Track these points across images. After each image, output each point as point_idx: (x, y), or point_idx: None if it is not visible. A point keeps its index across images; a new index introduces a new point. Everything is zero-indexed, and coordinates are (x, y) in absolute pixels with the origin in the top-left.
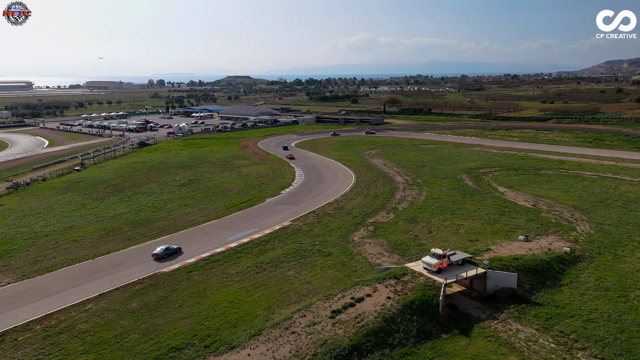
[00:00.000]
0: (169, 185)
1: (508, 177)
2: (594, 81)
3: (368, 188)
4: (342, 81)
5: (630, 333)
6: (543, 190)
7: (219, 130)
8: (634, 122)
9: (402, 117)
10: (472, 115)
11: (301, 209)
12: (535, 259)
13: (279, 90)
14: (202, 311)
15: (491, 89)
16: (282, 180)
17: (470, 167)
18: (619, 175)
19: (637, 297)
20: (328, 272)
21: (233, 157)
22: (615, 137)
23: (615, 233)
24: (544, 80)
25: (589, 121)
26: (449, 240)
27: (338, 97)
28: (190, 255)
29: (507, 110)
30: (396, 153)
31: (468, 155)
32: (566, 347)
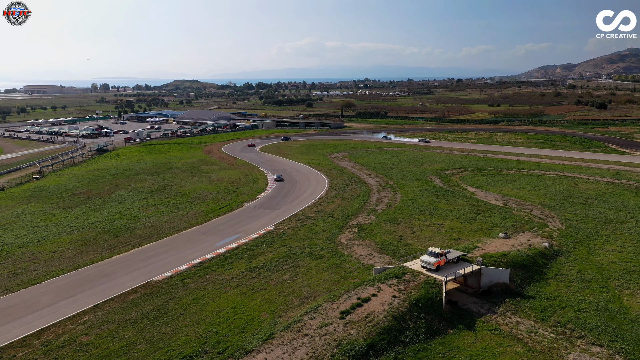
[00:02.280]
0: (139, 192)
1: (475, 178)
2: (533, 85)
3: (343, 191)
4: (293, 85)
5: (619, 321)
6: (509, 189)
7: (178, 136)
8: (578, 123)
9: (359, 120)
10: (427, 118)
11: (282, 213)
12: (521, 255)
13: (230, 94)
14: (206, 318)
15: (439, 93)
16: (255, 184)
17: (436, 168)
18: (575, 174)
19: (617, 287)
20: (324, 274)
21: (199, 162)
22: (564, 138)
23: (584, 228)
24: (487, 85)
25: (536, 123)
26: (433, 240)
27: (293, 101)
28: (179, 263)
29: (459, 113)
30: (363, 156)
31: (432, 157)
32: (565, 337)
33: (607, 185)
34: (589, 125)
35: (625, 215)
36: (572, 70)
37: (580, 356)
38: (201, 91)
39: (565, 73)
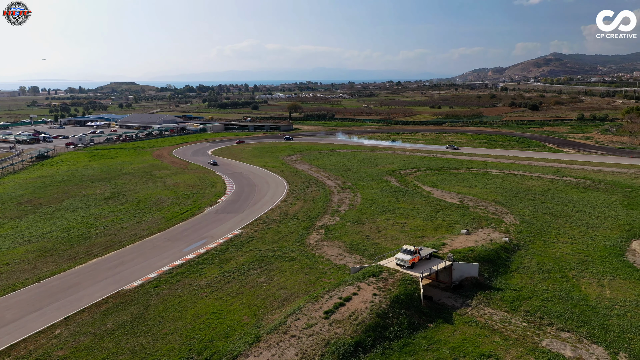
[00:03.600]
0: (91, 199)
1: (428, 177)
2: (469, 87)
3: (304, 193)
4: (235, 88)
5: (582, 308)
6: (463, 187)
7: (123, 140)
8: (515, 124)
9: (308, 122)
10: (374, 120)
11: (246, 217)
12: (486, 250)
13: (171, 97)
14: (187, 325)
15: (381, 95)
16: (213, 189)
17: (391, 169)
18: (520, 171)
19: (574, 276)
20: (299, 276)
21: (151, 167)
22: (505, 138)
23: (537, 222)
24: (426, 87)
25: (477, 124)
26: (399, 238)
27: (237, 103)
28: (148, 270)
29: (403, 115)
30: (317, 158)
31: (384, 157)
32: (536, 325)
33: (551, 182)
34: (525, 126)
35: (571, 210)
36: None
37: (552, 342)
38: (140, 94)
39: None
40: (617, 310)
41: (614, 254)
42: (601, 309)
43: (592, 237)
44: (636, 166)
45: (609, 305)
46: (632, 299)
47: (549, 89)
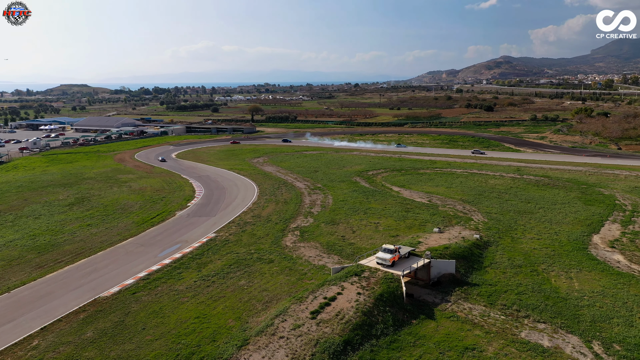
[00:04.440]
0: (55, 205)
1: (396, 178)
2: (425, 89)
3: (275, 195)
4: (192, 90)
5: (554, 300)
6: (430, 187)
7: (81, 144)
8: (473, 125)
9: (270, 125)
10: (336, 122)
11: (219, 220)
12: (460, 247)
13: (127, 99)
14: (171, 330)
15: (340, 97)
16: (182, 192)
17: (358, 170)
18: (483, 171)
19: (544, 270)
20: (279, 278)
21: (114, 171)
22: (465, 139)
23: (504, 220)
24: (383, 89)
25: (437, 125)
26: (374, 238)
27: (197, 106)
28: (124, 277)
29: (365, 117)
30: (284, 160)
31: (351, 159)
32: (514, 317)
33: (513, 180)
34: (483, 126)
35: (534, 207)
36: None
37: (531, 333)
38: (93, 96)
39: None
40: (587, 301)
41: (578, 248)
42: (572, 300)
43: (556, 233)
44: (589, 164)
45: (578, 297)
46: (599, 289)
47: (501, 90)
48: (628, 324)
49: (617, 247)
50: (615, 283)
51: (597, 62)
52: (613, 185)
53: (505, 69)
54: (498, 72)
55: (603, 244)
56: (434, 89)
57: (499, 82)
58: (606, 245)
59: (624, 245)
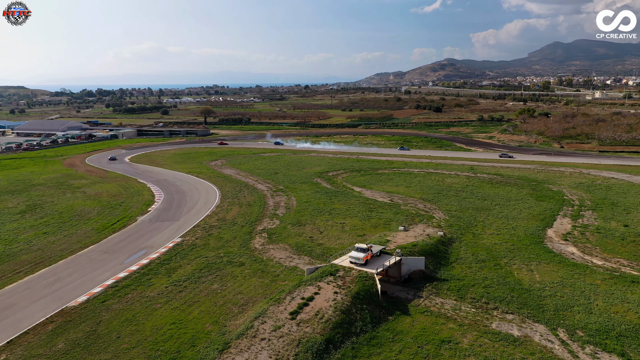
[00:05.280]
0: (4, 213)
1: (356, 178)
2: (374, 91)
3: (237, 198)
4: (139, 92)
5: (519, 291)
6: (390, 187)
7: (25, 149)
8: (424, 125)
9: (224, 127)
10: (290, 123)
11: (183, 224)
12: (427, 244)
13: (69, 102)
14: (147, 338)
15: (291, 99)
16: (140, 197)
17: (318, 171)
18: (439, 170)
19: (506, 264)
20: (252, 280)
21: (65, 177)
22: (419, 139)
23: (464, 217)
24: (334, 90)
25: (390, 126)
26: (341, 238)
27: (145, 108)
28: (91, 285)
29: (318, 118)
30: (242, 162)
31: (309, 160)
32: (484, 310)
33: (468, 179)
34: (434, 127)
35: (490, 204)
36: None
37: (501, 324)
38: (32, 99)
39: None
40: (548, 291)
41: (535, 242)
42: (535, 291)
43: (513, 228)
44: (536, 162)
45: (540, 288)
46: (558, 280)
47: (447, 92)
48: (588, 311)
49: (570, 240)
50: (572, 273)
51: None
52: (560, 181)
53: (450, 71)
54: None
55: (557, 237)
56: (383, 90)
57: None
58: (560, 238)
59: (575, 238)
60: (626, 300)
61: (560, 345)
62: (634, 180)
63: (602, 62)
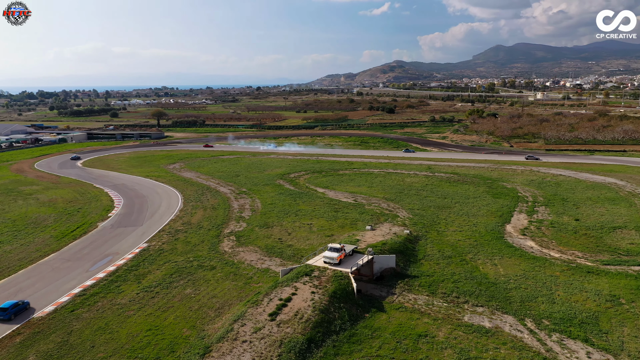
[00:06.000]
0: None
1: (318, 179)
2: (327, 92)
3: (201, 201)
4: (84, 94)
5: (486, 285)
6: (352, 187)
7: None
8: (379, 126)
9: (178, 129)
10: (246, 125)
11: (147, 229)
12: (395, 242)
13: (8, 105)
14: (124, 345)
15: (244, 100)
16: (99, 203)
17: (279, 172)
18: (398, 170)
19: (471, 259)
20: (226, 284)
21: (14, 183)
22: (375, 140)
23: (426, 215)
24: (286, 92)
25: (346, 127)
26: (310, 239)
27: (93, 111)
28: (57, 295)
29: (274, 120)
30: (202, 165)
31: (270, 162)
32: (455, 304)
33: (426, 178)
34: (388, 128)
35: (450, 202)
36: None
37: (472, 317)
38: None
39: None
40: (513, 284)
41: (496, 237)
42: (501, 284)
43: (474, 224)
44: (490, 161)
45: (505, 281)
46: (521, 273)
47: (398, 93)
48: (551, 301)
49: (527, 235)
50: (533, 266)
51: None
52: (513, 179)
53: (399, 73)
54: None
55: (515, 232)
56: (335, 92)
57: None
58: (518, 233)
59: (532, 232)
60: (584, 290)
61: (529, 335)
62: (580, 177)
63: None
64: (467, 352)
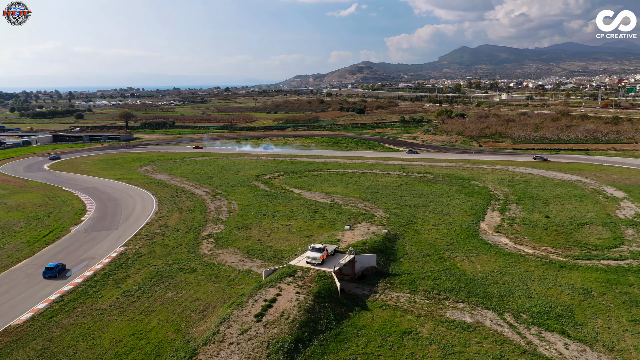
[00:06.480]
0: None
1: (293, 180)
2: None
3: (176, 203)
4: (46, 94)
5: (465, 281)
6: (328, 187)
7: None
8: (350, 127)
9: (147, 131)
10: (217, 126)
11: (123, 233)
12: (375, 241)
13: None
14: (107, 351)
15: (213, 101)
16: (70, 206)
17: (254, 174)
18: (372, 170)
19: (449, 256)
20: (208, 286)
21: None
22: (348, 140)
23: (403, 214)
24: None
25: (317, 128)
26: (290, 239)
27: (57, 112)
28: (34, 301)
29: (245, 121)
30: (174, 167)
31: (243, 163)
32: (436, 300)
33: (400, 178)
34: (360, 128)
35: (425, 201)
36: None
37: (454, 313)
38: None
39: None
40: (491, 279)
41: (471, 235)
42: (479, 280)
43: (450, 223)
44: (461, 160)
45: (483, 277)
46: (497, 269)
47: (367, 94)
48: (527, 295)
49: (501, 232)
50: (509, 262)
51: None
52: (484, 178)
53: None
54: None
55: (490, 229)
56: (305, 93)
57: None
58: (493, 230)
59: (506, 229)
60: (558, 284)
61: (509, 329)
62: (547, 175)
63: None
64: (451, 347)
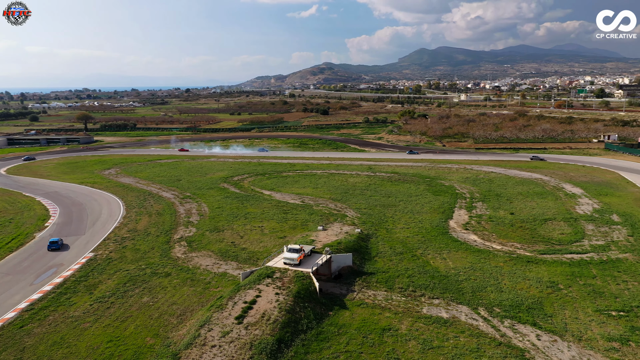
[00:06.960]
0: None
1: (262, 182)
2: (258, 94)
3: (144, 207)
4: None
5: (439, 278)
6: (298, 188)
7: None
8: (315, 128)
9: (108, 133)
10: (180, 128)
11: (91, 238)
12: (349, 241)
13: None
14: (85, 359)
15: (174, 103)
16: (32, 212)
17: (222, 176)
18: (340, 170)
19: (422, 254)
20: (184, 290)
21: None
22: (314, 141)
23: (374, 214)
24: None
25: (283, 129)
26: (263, 241)
27: (9, 115)
28: (2, 310)
29: (209, 123)
30: (140, 170)
31: (210, 165)
32: (412, 297)
33: (369, 178)
34: (325, 129)
35: (395, 200)
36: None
37: (430, 309)
38: None
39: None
40: (463, 275)
41: (442, 233)
42: (452, 276)
43: (420, 221)
44: (425, 160)
45: (455, 273)
46: (469, 265)
47: (329, 95)
48: (499, 290)
49: (470, 229)
50: (479, 259)
51: (404, 69)
52: (449, 177)
53: (328, 75)
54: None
55: (459, 227)
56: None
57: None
58: (461, 228)
59: (474, 227)
60: (527, 278)
61: (484, 322)
62: (509, 174)
63: (462, 68)
64: (430, 342)
